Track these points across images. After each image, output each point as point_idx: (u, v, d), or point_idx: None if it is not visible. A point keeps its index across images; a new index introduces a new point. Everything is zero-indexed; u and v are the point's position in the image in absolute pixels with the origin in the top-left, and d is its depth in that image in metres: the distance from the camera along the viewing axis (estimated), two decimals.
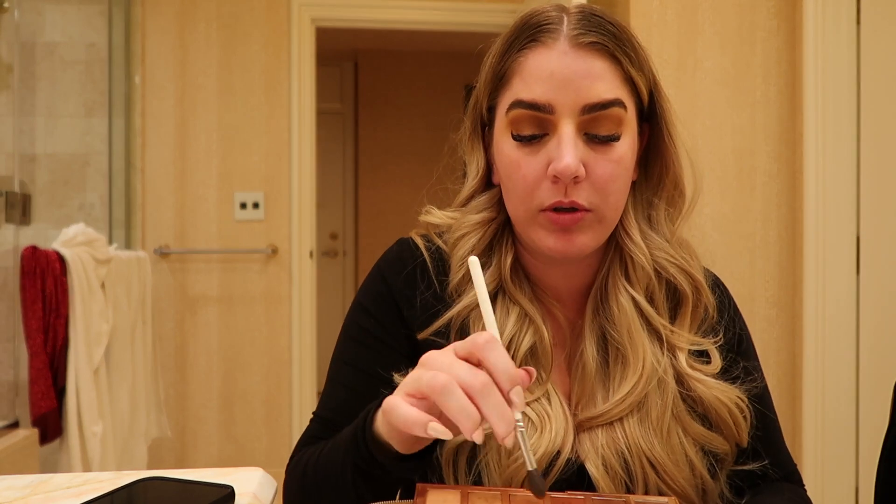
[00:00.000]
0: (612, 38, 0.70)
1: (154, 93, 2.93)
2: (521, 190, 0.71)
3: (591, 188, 0.70)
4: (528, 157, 0.71)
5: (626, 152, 0.71)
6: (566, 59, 0.69)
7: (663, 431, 0.71)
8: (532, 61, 0.70)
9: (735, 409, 0.73)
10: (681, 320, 0.76)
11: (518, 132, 0.71)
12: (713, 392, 0.72)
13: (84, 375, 2.05)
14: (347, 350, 0.80)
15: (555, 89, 0.68)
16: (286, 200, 2.99)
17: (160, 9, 2.93)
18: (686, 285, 0.77)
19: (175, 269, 2.94)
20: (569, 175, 0.67)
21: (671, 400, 0.71)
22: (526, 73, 0.70)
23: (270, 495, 0.65)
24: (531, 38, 0.71)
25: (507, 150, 0.73)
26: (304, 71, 3.01)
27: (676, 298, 0.77)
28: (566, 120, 0.69)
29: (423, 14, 3.12)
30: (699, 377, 0.73)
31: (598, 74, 0.69)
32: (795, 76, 2.42)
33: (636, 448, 0.70)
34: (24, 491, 0.63)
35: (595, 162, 0.69)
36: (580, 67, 0.69)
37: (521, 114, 0.70)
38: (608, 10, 0.75)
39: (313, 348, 3.08)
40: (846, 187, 2.31)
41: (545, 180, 0.70)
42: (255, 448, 2.97)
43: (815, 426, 2.28)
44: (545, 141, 0.70)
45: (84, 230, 2.18)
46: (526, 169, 0.70)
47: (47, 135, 2.79)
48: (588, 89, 0.68)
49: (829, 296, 2.31)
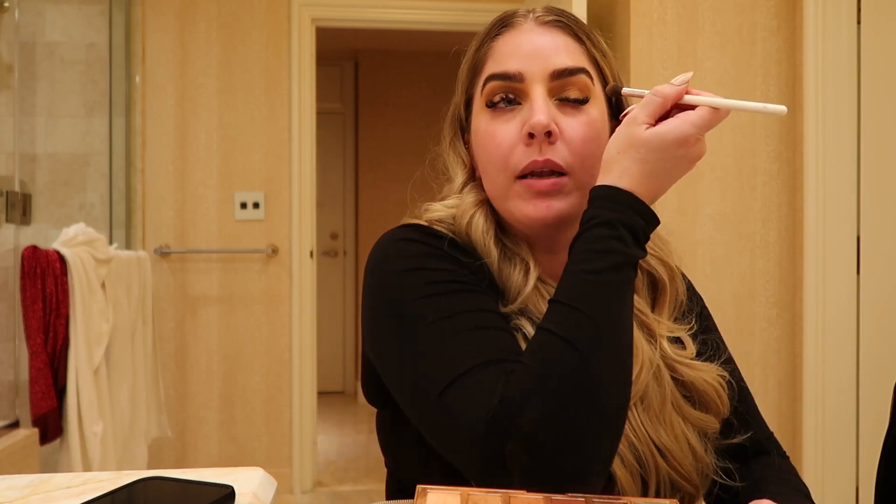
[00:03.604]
0: (574, 23, 0.76)
1: (154, 93, 2.93)
2: (497, 158, 0.73)
3: (565, 148, 0.71)
4: (503, 125, 0.73)
5: (597, 118, 0.74)
6: (533, 35, 0.75)
7: (666, 420, 0.71)
8: (501, 43, 0.76)
9: (720, 388, 0.75)
10: (659, 308, 0.78)
11: (491, 100, 0.74)
12: (700, 374, 0.74)
13: (84, 375, 2.05)
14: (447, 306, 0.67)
15: (523, 59, 0.73)
16: (286, 200, 2.99)
17: (160, 9, 2.93)
18: (664, 273, 0.78)
19: (175, 269, 2.94)
20: (541, 128, 0.70)
21: (668, 389, 0.72)
22: (497, 54, 0.76)
23: (271, 495, 0.65)
24: (501, 25, 0.77)
25: (483, 126, 0.75)
26: (304, 71, 3.01)
27: (655, 287, 0.79)
28: (536, 85, 0.72)
29: (423, 14, 3.12)
30: (684, 361, 0.74)
31: (563, 47, 0.74)
32: (795, 76, 2.42)
33: (644, 437, 0.70)
34: (25, 491, 0.63)
35: (567, 123, 0.72)
36: (546, 40, 0.74)
37: (494, 86, 0.74)
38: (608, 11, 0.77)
39: (313, 348, 3.08)
40: (846, 187, 2.31)
41: (519, 144, 0.72)
42: (256, 448, 2.97)
43: (815, 426, 2.28)
44: (518, 110, 0.73)
45: (84, 230, 2.18)
46: (500, 136, 0.73)
47: (47, 135, 2.79)
48: (555, 58, 0.73)
49: (829, 296, 2.31)
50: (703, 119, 0.64)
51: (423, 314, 0.67)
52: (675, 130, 0.64)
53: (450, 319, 0.66)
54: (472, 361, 0.63)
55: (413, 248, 0.71)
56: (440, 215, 0.78)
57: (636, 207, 0.64)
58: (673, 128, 0.64)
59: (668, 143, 0.64)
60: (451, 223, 0.77)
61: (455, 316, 0.66)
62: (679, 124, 0.64)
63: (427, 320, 0.67)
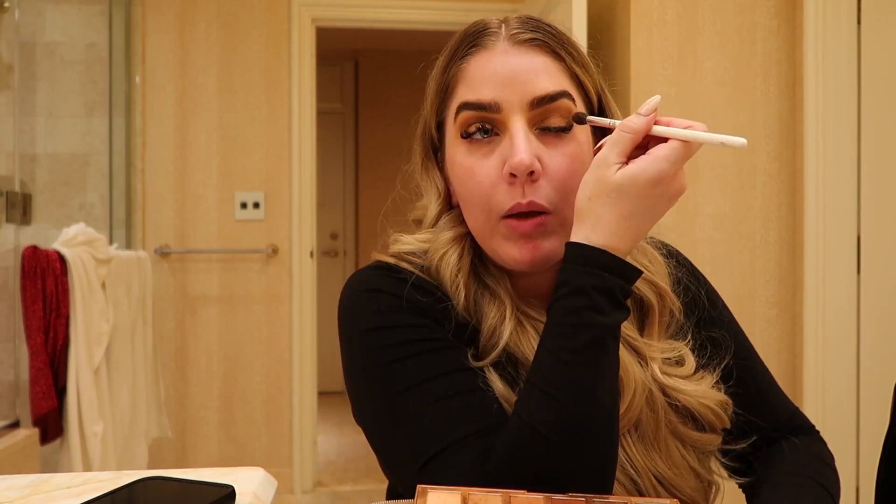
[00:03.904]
0: (552, 37, 0.70)
1: (154, 93, 2.93)
2: (478, 197, 0.68)
3: (549, 186, 0.67)
4: (482, 160, 0.68)
5: (580, 146, 0.69)
6: (507, 58, 0.68)
7: (662, 448, 0.70)
8: (473, 66, 0.70)
9: (717, 409, 0.73)
10: (649, 331, 0.74)
11: (467, 131, 0.69)
12: (696, 398, 0.72)
13: (84, 375, 2.05)
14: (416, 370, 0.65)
15: (499, 87, 0.67)
16: (286, 200, 2.99)
17: (160, 9, 2.93)
18: (651, 295, 0.74)
19: (175, 269, 2.94)
20: (524, 169, 0.65)
21: (662, 413, 0.70)
22: (469, 78, 0.70)
23: (271, 495, 0.65)
24: (472, 44, 0.71)
25: (459, 159, 0.70)
26: (304, 71, 3.01)
27: (643, 310, 0.75)
28: (516, 116, 0.67)
29: (423, 14, 3.12)
30: (678, 386, 0.71)
31: (541, 69, 0.68)
32: (796, 76, 2.42)
33: (643, 469, 0.69)
34: (25, 490, 0.63)
35: (550, 157, 0.67)
36: (523, 63, 0.68)
37: (469, 116, 0.69)
38: (608, 11, 0.76)
39: (314, 348, 3.08)
40: (847, 187, 2.31)
41: (501, 183, 0.67)
42: (256, 448, 2.97)
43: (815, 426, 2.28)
44: (497, 142, 0.68)
45: (84, 230, 2.18)
46: (480, 174, 0.68)
47: (48, 135, 2.79)
48: (533, 83, 0.67)
49: (829, 296, 2.30)
50: (677, 153, 0.60)
51: (392, 381, 0.65)
52: (648, 169, 0.59)
53: (420, 387, 0.65)
54: (451, 436, 0.62)
55: (379, 302, 0.69)
56: (410, 248, 0.74)
57: (611, 267, 0.60)
58: (645, 166, 0.60)
59: (641, 185, 0.60)
60: (421, 258, 0.74)
61: (425, 382, 0.65)
62: (651, 162, 0.60)
63: (396, 388, 0.65)
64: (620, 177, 0.60)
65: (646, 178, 0.59)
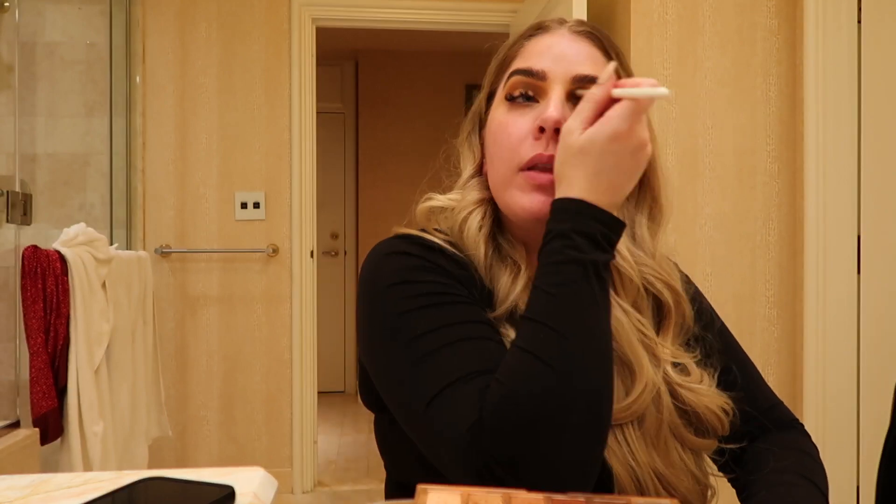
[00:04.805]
0: (605, 38, 0.79)
1: (154, 93, 2.93)
2: (505, 149, 0.75)
3: None
4: (518, 118, 0.75)
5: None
6: (563, 40, 0.77)
7: (660, 446, 0.71)
8: (533, 43, 0.78)
9: (722, 414, 0.75)
10: (664, 332, 0.77)
11: (511, 94, 0.76)
12: (703, 400, 0.74)
13: (85, 375, 2.05)
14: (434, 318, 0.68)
15: (550, 61, 0.75)
16: (287, 200, 2.99)
17: (160, 9, 2.93)
18: (669, 298, 0.78)
19: (175, 269, 2.94)
20: (553, 123, 0.71)
21: (666, 414, 0.72)
22: (526, 52, 0.78)
23: (271, 495, 0.65)
24: (537, 27, 0.80)
25: (498, 117, 0.77)
26: (305, 71, 3.01)
27: (661, 312, 0.78)
28: (557, 85, 0.74)
29: (423, 14, 3.12)
30: (688, 385, 0.74)
31: (590, 56, 0.76)
32: (796, 76, 2.42)
33: (643, 461, 0.70)
34: (25, 491, 0.63)
35: None
36: (576, 48, 0.76)
37: (517, 80, 0.76)
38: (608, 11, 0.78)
39: (314, 348, 3.08)
40: (847, 187, 2.31)
41: (529, 137, 0.73)
42: (256, 448, 2.97)
43: (815, 426, 2.28)
44: (535, 107, 0.75)
45: (85, 230, 2.18)
46: (513, 128, 0.75)
47: (48, 135, 2.79)
48: (580, 64, 0.75)
49: (829, 296, 2.30)
50: (627, 109, 0.64)
51: (411, 327, 0.68)
52: (604, 129, 0.65)
53: (437, 332, 0.67)
54: (457, 373, 0.64)
55: (402, 262, 0.72)
56: (440, 204, 0.81)
57: (587, 212, 0.65)
58: (600, 127, 0.65)
59: (600, 143, 0.65)
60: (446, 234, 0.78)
61: (442, 328, 0.67)
62: (604, 121, 0.65)
63: (415, 333, 0.68)
64: (582, 139, 0.66)
65: (603, 137, 0.65)
